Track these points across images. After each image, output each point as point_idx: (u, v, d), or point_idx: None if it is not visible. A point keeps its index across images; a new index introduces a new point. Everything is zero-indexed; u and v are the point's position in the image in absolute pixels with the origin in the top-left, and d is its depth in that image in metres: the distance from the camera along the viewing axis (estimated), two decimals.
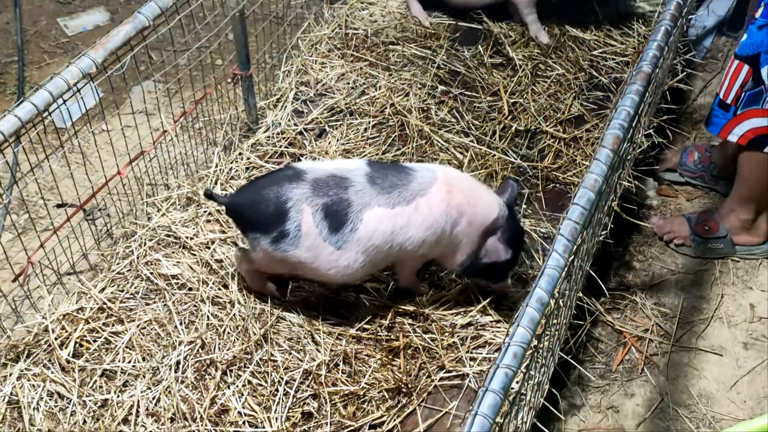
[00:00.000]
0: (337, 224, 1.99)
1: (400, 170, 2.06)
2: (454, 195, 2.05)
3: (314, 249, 2.01)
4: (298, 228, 1.98)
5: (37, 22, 3.73)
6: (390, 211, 2.01)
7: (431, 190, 2.03)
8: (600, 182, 1.72)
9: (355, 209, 1.99)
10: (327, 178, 2.01)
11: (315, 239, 2.00)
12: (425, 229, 2.04)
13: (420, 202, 2.02)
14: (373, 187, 2.01)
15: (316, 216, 1.98)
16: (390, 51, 3.07)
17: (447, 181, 2.06)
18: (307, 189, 1.99)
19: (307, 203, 1.98)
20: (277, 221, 1.99)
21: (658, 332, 2.57)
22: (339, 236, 2.00)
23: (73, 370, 2.05)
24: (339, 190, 2.00)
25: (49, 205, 2.76)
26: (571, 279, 1.85)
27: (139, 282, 2.26)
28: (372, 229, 2.00)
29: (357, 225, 1.99)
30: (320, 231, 1.99)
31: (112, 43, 2.07)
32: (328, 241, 2.00)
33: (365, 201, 2.00)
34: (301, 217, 1.98)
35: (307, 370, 2.06)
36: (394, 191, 2.02)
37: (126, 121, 2.57)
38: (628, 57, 3.08)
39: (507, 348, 1.43)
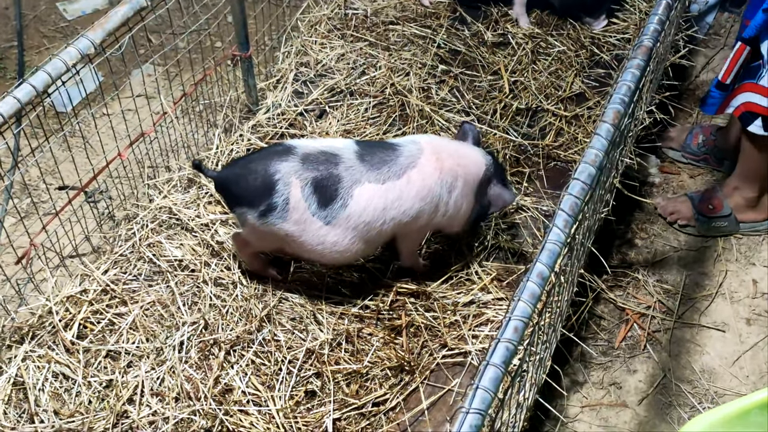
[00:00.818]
0: (326, 199, 1.99)
1: (387, 146, 2.08)
2: (444, 161, 2.08)
3: (302, 223, 2.01)
4: (285, 201, 1.98)
5: (36, 7, 3.72)
6: (381, 187, 2.01)
7: (421, 161, 2.05)
8: (601, 157, 1.71)
9: (345, 185, 1.99)
10: (317, 154, 2.02)
11: (303, 213, 2.00)
12: (420, 199, 2.06)
13: (411, 174, 2.04)
14: (363, 164, 2.02)
15: (305, 190, 1.98)
16: (390, 31, 3.06)
17: (434, 149, 2.08)
18: (296, 163, 2.00)
19: (295, 176, 1.98)
20: (264, 194, 1.99)
21: (660, 309, 2.58)
22: (328, 211, 2.00)
23: (77, 352, 2.06)
24: (329, 166, 2.00)
25: (51, 189, 2.76)
26: (573, 255, 1.85)
27: (142, 264, 2.27)
28: (363, 206, 2.00)
29: (347, 201, 1.99)
30: (309, 205, 1.99)
31: (111, 24, 2.06)
32: (317, 216, 2.00)
33: (356, 177, 2.00)
34: (289, 190, 1.98)
35: (309, 349, 2.07)
36: (383, 167, 2.03)
37: (126, 105, 2.57)
38: (630, 34, 3.06)
39: (508, 322, 1.43)
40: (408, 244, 2.22)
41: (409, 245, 2.22)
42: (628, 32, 3.07)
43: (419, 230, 2.16)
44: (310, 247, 2.05)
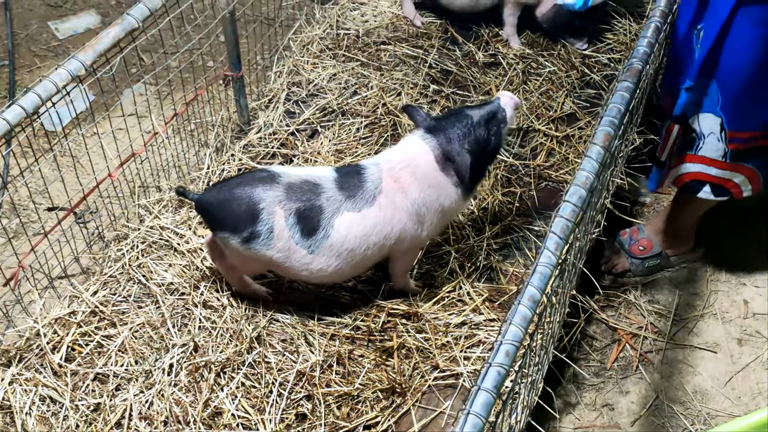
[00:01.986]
0: (309, 229, 2.01)
1: (357, 171, 2.08)
2: (401, 178, 2.06)
3: (286, 250, 2.03)
4: (270, 230, 2.00)
5: (27, 26, 3.72)
6: (358, 215, 2.03)
7: (383, 186, 2.06)
8: (591, 179, 1.71)
9: (326, 216, 2.02)
10: (300, 183, 2.03)
11: (287, 242, 2.02)
12: (398, 222, 2.07)
13: (380, 200, 2.05)
14: (341, 193, 2.04)
15: (289, 220, 2.00)
16: (382, 51, 3.07)
17: (389, 170, 2.07)
18: (280, 192, 2.01)
19: (279, 206, 2.00)
20: (248, 221, 1.99)
21: (652, 329, 2.57)
22: (312, 241, 2.02)
23: (65, 375, 2.04)
24: (312, 196, 2.02)
25: (40, 209, 2.75)
26: (564, 276, 1.84)
27: (132, 285, 2.25)
28: (344, 234, 2.03)
29: (329, 231, 2.02)
30: (292, 234, 2.01)
31: (101, 45, 2.06)
32: (300, 245, 2.02)
33: (335, 207, 2.02)
34: (273, 219, 1.99)
35: (300, 371, 2.05)
36: (357, 194, 2.04)
37: (117, 124, 2.56)
38: (620, 54, 3.08)
39: (499, 346, 1.43)
40: (400, 266, 2.22)
41: (400, 267, 2.22)
42: (619, 53, 3.09)
43: (410, 250, 2.17)
44: (296, 271, 2.08)
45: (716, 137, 2.34)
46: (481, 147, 2.10)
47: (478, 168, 2.13)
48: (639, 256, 2.72)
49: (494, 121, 2.12)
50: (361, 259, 2.08)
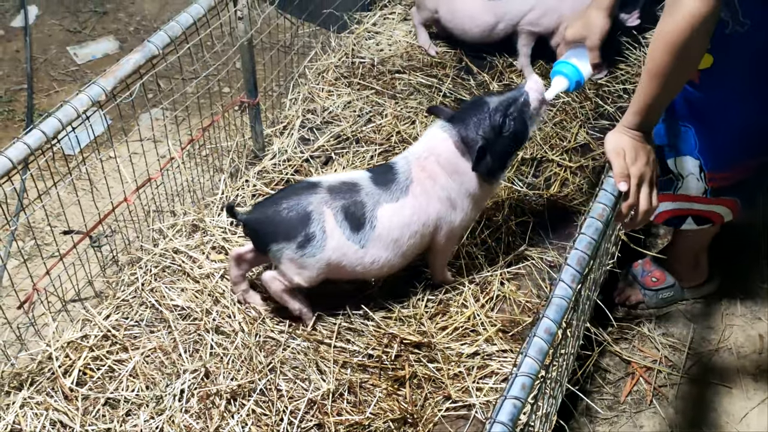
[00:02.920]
0: (357, 224, 2.11)
1: (389, 167, 2.21)
2: (427, 167, 2.16)
3: (340, 249, 2.11)
4: (322, 230, 2.08)
5: (47, 50, 3.78)
6: (396, 204, 2.14)
7: (414, 176, 2.16)
8: (608, 212, 1.71)
9: (369, 208, 2.12)
10: (339, 185, 2.13)
11: (340, 239, 2.10)
12: (434, 209, 2.17)
13: (413, 189, 2.15)
14: (378, 187, 2.15)
15: (337, 217, 2.09)
16: (396, 79, 3.09)
17: (417, 160, 2.17)
18: (324, 194, 2.11)
19: (326, 206, 2.09)
20: (300, 226, 2.07)
21: (666, 363, 2.55)
22: (361, 235, 2.12)
23: (76, 399, 2.03)
24: (353, 194, 2.12)
25: (56, 232, 2.76)
26: (579, 309, 1.83)
27: (144, 309, 2.26)
28: (387, 225, 2.12)
29: (374, 223, 2.11)
30: (343, 231, 2.10)
31: (122, 71, 2.09)
32: (352, 240, 2.11)
33: (375, 200, 2.13)
34: (323, 218, 2.08)
35: (311, 400, 2.04)
36: (392, 186, 2.15)
37: (134, 148, 2.59)
38: (634, 85, 3.09)
39: (514, 379, 1.41)
40: (439, 259, 2.30)
41: (440, 260, 2.30)
42: (633, 84, 3.10)
43: (449, 239, 2.25)
44: (351, 269, 2.15)
45: (696, 177, 2.33)
46: (499, 133, 2.13)
47: (499, 154, 2.16)
48: (652, 287, 2.70)
49: (514, 106, 2.16)
50: (407, 248, 2.17)
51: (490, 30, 3.06)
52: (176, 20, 2.24)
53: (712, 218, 2.43)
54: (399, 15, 3.42)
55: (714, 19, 1.72)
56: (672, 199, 2.41)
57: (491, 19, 3.02)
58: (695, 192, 2.35)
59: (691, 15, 1.69)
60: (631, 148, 1.84)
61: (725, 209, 2.41)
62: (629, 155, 1.83)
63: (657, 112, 1.88)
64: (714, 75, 2.11)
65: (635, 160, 1.83)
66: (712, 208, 2.40)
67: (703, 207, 2.40)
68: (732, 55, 2.05)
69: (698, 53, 1.81)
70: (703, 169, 2.29)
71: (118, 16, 3.99)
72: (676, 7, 1.71)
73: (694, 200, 2.38)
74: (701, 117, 2.22)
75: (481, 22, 3.02)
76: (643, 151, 1.85)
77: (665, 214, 2.45)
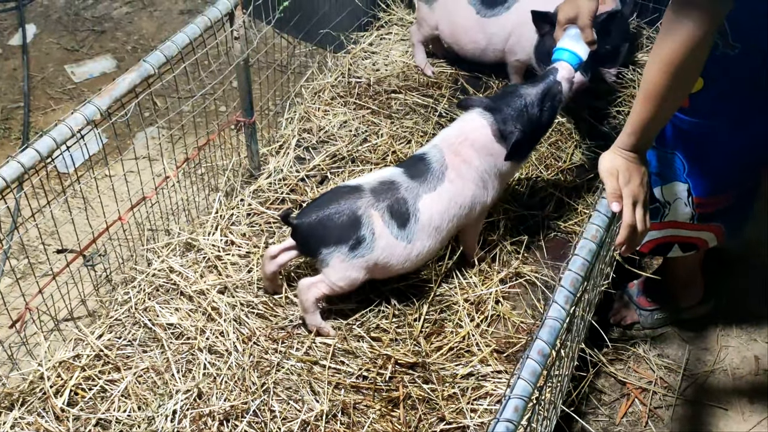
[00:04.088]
0: (402, 221, 2.19)
1: (419, 159, 2.29)
2: (461, 152, 2.26)
3: (388, 248, 2.19)
4: (372, 232, 2.16)
5: (44, 69, 3.79)
6: (435, 194, 2.23)
7: (447, 162, 2.26)
8: (601, 233, 1.71)
9: (411, 203, 2.21)
10: (379, 185, 2.22)
11: (388, 239, 2.18)
12: (470, 191, 2.27)
13: (450, 175, 2.25)
14: (414, 180, 2.23)
15: (385, 218, 2.18)
16: (392, 99, 3.10)
17: (449, 147, 2.27)
18: (369, 197, 2.19)
19: (374, 208, 2.17)
20: (351, 230, 2.15)
21: (661, 384, 2.54)
22: (407, 231, 2.20)
23: (67, 419, 2.02)
24: (394, 192, 2.21)
25: (49, 251, 2.75)
26: (573, 330, 1.83)
27: (137, 329, 2.24)
28: (429, 215, 2.21)
29: (417, 216, 2.20)
30: (391, 231, 2.18)
31: (118, 91, 2.09)
32: (399, 238, 2.19)
33: (415, 194, 2.22)
34: (372, 221, 2.16)
35: (305, 421, 2.03)
36: (428, 176, 2.24)
37: (129, 167, 2.59)
38: (629, 107, 3.11)
39: (507, 401, 1.41)
40: (471, 237, 2.42)
41: (471, 237, 2.42)
42: (628, 105, 3.12)
43: (479, 216, 2.36)
44: (398, 266, 2.23)
45: (683, 202, 2.33)
46: (534, 124, 2.28)
47: (530, 141, 2.33)
48: (647, 308, 2.70)
49: (548, 96, 2.29)
50: (446, 233, 2.27)
51: (482, 50, 3.07)
52: (172, 40, 2.25)
53: (697, 244, 2.43)
54: (395, 35, 3.44)
55: (711, 41, 1.73)
56: (658, 227, 2.41)
57: (483, 37, 3.01)
58: (682, 218, 2.36)
59: (688, 37, 1.70)
60: (624, 169, 1.84)
61: (710, 235, 2.41)
62: (623, 176, 1.83)
63: (652, 133, 1.89)
64: (703, 99, 2.12)
65: (629, 180, 1.83)
66: (698, 235, 2.41)
67: (690, 233, 2.40)
68: (722, 79, 2.06)
69: (694, 75, 1.82)
70: (691, 193, 2.30)
71: (116, 35, 4.01)
72: (673, 29, 1.72)
73: (683, 226, 2.38)
74: (691, 141, 2.22)
75: (475, 39, 3.03)
76: (637, 173, 1.85)
77: (651, 243, 2.45)
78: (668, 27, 1.73)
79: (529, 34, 2.81)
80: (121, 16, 4.13)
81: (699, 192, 2.28)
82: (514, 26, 2.90)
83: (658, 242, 2.44)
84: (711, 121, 2.15)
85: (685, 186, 2.29)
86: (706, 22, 1.68)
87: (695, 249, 2.46)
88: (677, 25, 1.71)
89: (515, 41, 2.92)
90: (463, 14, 2.99)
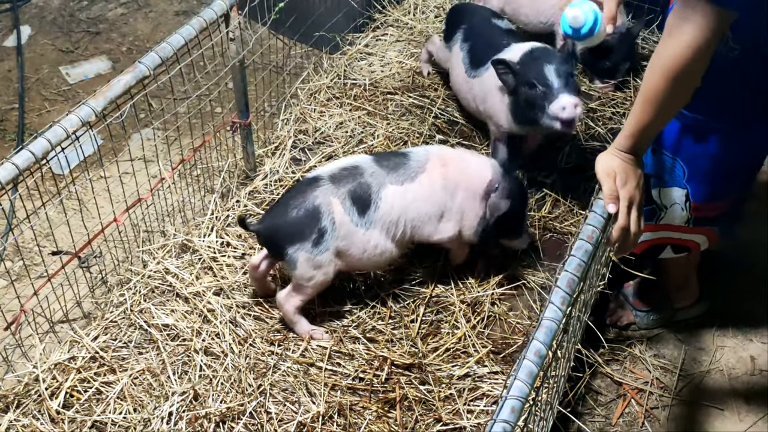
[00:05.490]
0: (363, 206, 2.15)
1: (398, 154, 2.27)
2: (449, 168, 2.23)
3: (349, 236, 2.15)
4: (332, 221, 2.12)
5: (39, 70, 3.78)
6: (400, 188, 2.19)
7: (428, 166, 2.22)
8: (597, 233, 1.71)
9: (374, 189, 2.17)
10: (340, 171, 2.16)
11: (348, 227, 2.14)
12: (431, 203, 2.22)
13: (422, 178, 2.21)
14: (383, 168, 2.19)
15: (346, 204, 2.13)
16: (388, 100, 3.10)
17: (440, 157, 2.24)
18: (328, 185, 2.14)
19: (333, 196, 2.13)
20: (312, 222, 2.11)
21: (658, 385, 2.54)
22: (366, 217, 2.16)
23: (62, 422, 2.01)
24: (356, 176, 2.16)
25: (44, 252, 2.74)
26: (569, 331, 1.83)
27: (133, 331, 2.24)
28: (390, 205, 2.17)
29: (378, 203, 2.16)
30: (351, 218, 2.14)
31: (112, 92, 2.09)
32: (359, 225, 2.15)
33: (380, 181, 2.17)
34: (332, 209, 2.12)
35: (301, 423, 2.02)
36: (399, 169, 2.20)
37: (124, 168, 2.58)
38: (625, 109, 3.11)
39: (504, 402, 1.41)
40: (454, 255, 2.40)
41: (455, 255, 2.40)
42: (625, 106, 3.12)
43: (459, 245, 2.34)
44: (358, 256, 2.18)
45: (680, 207, 2.32)
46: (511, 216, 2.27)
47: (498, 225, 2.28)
48: (643, 309, 2.70)
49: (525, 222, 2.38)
50: (401, 236, 2.21)
51: (473, 109, 2.83)
52: (168, 41, 2.25)
53: (689, 246, 2.43)
54: (391, 36, 3.44)
55: (713, 48, 1.71)
56: (653, 229, 2.41)
57: (471, 98, 2.79)
58: (678, 221, 2.36)
59: (690, 43, 1.68)
60: (621, 170, 1.84)
61: (703, 238, 2.41)
62: (620, 177, 1.83)
63: (650, 136, 1.88)
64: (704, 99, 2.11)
65: (625, 182, 1.83)
66: (691, 237, 2.41)
67: (685, 236, 2.40)
68: (722, 81, 2.05)
69: (696, 79, 1.79)
70: (689, 198, 2.29)
71: (111, 36, 4.00)
72: (676, 32, 1.70)
73: (678, 229, 2.38)
74: (690, 140, 2.22)
75: (465, 97, 2.85)
76: (634, 175, 1.85)
77: (643, 245, 2.45)
78: (670, 32, 1.72)
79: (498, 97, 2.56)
80: (116, 18, 4.12)
81: (698, 198, 2.28)
82: (490, 87, 2.60)
83: (650, 244, 2.45)
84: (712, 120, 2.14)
85: (683, 192, 2.29)
86: (709, 29, 1.66)
87: (686, 251, 2.46)
88: (679, 30, 1.69)
89: (490, 105, 2.64)
90: (457, 70, 2.83)
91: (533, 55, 2.42)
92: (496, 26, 2.81)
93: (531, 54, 2.43)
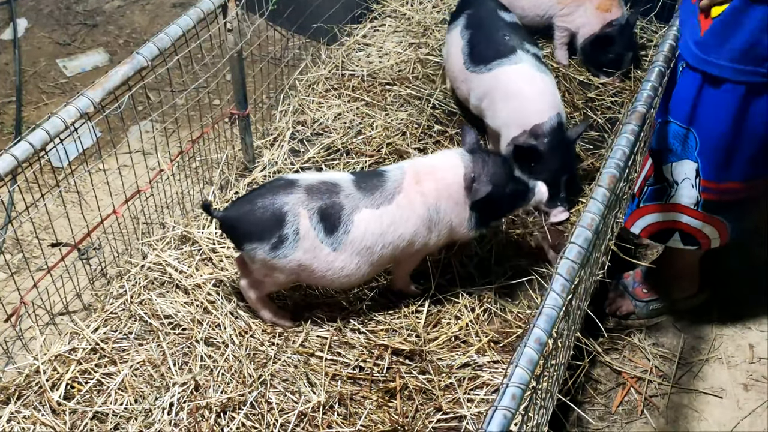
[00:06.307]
0: (331, 227, 2.07)
1: (377, 174, 2.18)
2: (423, 182, 2.14)
3: (311, 251, 2.07)
4: (296, 231, 2.05)
5: (36, 63, 3.76)
6: (376, 212, 2.10)
7: (404, 186, 2.13)
8: (597, 221, 1.71)
9: (346, 212, 2.08)
10: (319, 185, 2.10)
11: (313, 241, 2.06)
12: (412, 224, 2.13)
13: (399, 199, 2.12)
14: (360, 191, 2.11)
15: (313, 219, 2.05)
16: (387, 91, 3.10)
17: (413, 173, 2.15)
18: (302, 194, 2.07)
19: (303, 207, 2.05)
20: (274, 227, 2.04)
21: (657, 373, 2.55)
22: (334, 238, 2.07)
23: (63, 413, 2.01)
24: (332, 195, 2.08)
25: (44, 245, 2.74)
26: (570, 319, 1.83)
27: (133, 322, 2.24)
28: (363, 230, 2.08)
29: (349, 227, 2.07)
30: (317, 233, 2.06)
31: (111, 83, 2.08)
32: (325, 243, 2.07)
33: (354, 204, 2.09)
34: (298, 220, 2.04)
35: (302, 412, 2.03)
36: (376, 192, 2.12)
37: (123, 161, 2.58)
38: (623, 98, 3.11)
39: (505, 389, 1.41)
40: (403, 269, 2.29)
41: (403, 269, 2.29)
42: (623, 95, 3.12)
43: (416, 254, 2.22)
44: (321, 273, 2.11)
45: (690, 183, 2.31)
46: (502, 191, 2.17)
47: (491, 208, 2.19)
48: (643, 298, 2.70)
49: (523, 184, 2.24)
50: (378, 258, 2.13)
51: (465, 98, 2.86)
52: (165, 32, 2.24)
53: (698, 237, 2.41)
54: (389, 27, 3.43)
55: None
56: (660, 210, 2.40)
57: (466, 88, 2.81)
58: (687, 201, 2.34)
59: None
60: None
61: (715, 233, 2.39)
62: None
63: None
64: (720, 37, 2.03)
65: None
66: (701, 226, 2.38)
67: (694, 222, 2.38)
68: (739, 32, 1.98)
69: None
70: (699, 173, 2.28)
71: (108, 28, 3.99)
72: None
73: (686, 211, 2.37)
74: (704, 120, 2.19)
75: (459, 86, 2.85)
76: None
77: (651, 228, 2.44)
78: None
79: (501, 104, 2.64)
80: (112, 10, 4.11)
81: (707, 173, 2.26)
82: (489, 90, 2.68)
83: (658, 227, 2.43)
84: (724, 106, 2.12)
85: (694, 165, 2.26)
86: None
87: (697, 245, 2.44)
88: None
89: (488, 104, 2.70)
90: (455, 58, 2.83)
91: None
92: (500, 18, 2.81)
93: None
